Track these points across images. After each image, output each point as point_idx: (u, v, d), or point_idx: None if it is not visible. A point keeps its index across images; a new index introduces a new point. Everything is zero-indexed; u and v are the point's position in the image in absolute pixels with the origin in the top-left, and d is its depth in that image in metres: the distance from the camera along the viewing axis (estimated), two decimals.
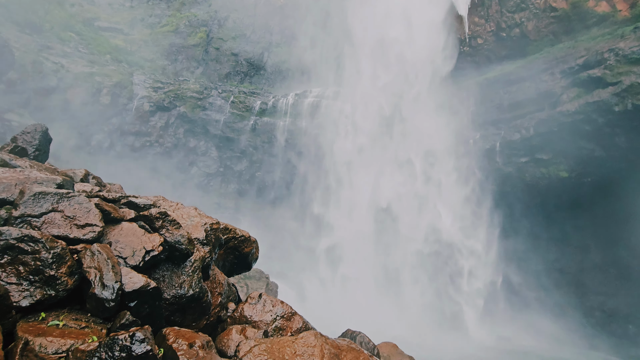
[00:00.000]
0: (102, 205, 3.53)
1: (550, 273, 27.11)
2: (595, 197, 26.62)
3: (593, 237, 26.48)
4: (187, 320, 4.36)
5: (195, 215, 5.04)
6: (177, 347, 2.55)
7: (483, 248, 28.01)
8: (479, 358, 18.30)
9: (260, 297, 5.19)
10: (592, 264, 26.07)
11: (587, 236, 26.65)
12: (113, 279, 2.83)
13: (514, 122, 30.47)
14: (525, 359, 19.40)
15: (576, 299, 25.67)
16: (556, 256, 27.35)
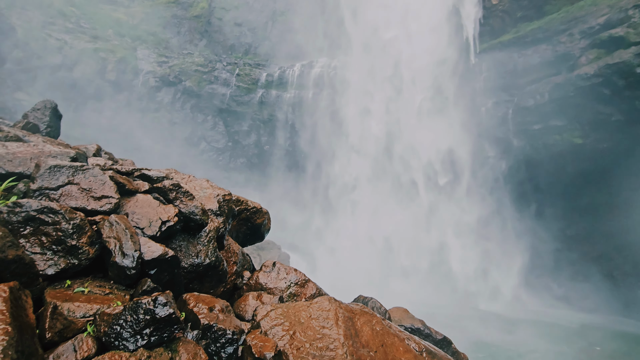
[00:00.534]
0: (117, 178, 3.57)
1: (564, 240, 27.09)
2: (610, 163, 25.97)
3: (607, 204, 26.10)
4: (205, 287, 4.51)
5: (207, 187, 5.09)
6: (197, 310, 2.64)
7: (495, 220, 27.98)
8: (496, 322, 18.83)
9: (274, 265, 5.32)
10: (606, 230, 25.89)
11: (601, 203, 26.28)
12: (132, 248, 2.90)
13: (528, 88, 29.40)
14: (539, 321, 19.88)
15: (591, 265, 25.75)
16: (569, 224, 27.19)
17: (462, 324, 17.50)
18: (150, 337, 2.08)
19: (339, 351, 3.24)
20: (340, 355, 3.20)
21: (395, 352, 3.85)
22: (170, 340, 2.20)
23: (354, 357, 3.24)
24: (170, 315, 2.15)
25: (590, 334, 17.18)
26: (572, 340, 16.10)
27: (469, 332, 16.04)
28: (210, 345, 2.45)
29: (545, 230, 27.53)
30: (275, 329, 3.49)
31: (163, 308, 2.14)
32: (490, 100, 30.76)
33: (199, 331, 2.48)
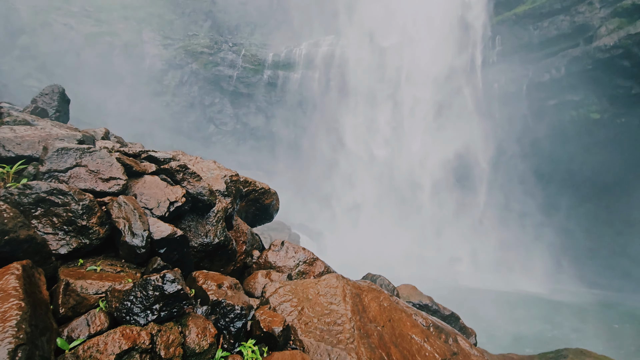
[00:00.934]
0: (124, 160, 3.60)
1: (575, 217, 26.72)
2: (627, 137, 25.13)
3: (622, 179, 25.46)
4: (215, 266, 4.60)
5: (214, 168, 5.11)
6: (206, 287, 2.70)
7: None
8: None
9: (283, 244, 5.38)
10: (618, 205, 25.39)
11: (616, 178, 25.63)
12: (141, 228, 2.95)
13: (544, 62, 28.30)
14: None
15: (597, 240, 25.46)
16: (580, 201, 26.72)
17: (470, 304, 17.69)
18: (160, 312, 2.14)
19: (346, 326, 3.31)
20: (348, 329, 3.26)
21: (403, 327, 3.90)
22: (180, 316, 2.26)
23: (362, 332, 3.30)
24: (179, 291, 2.20)
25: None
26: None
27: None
28: (219, 320, 2.51)
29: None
30: (284, 305, 3.57)
31: (171, 284, 2.18)
32: (503, 76, 29.78)
33: (208, 307, 2.54)
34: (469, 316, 6.99)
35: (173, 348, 2.02)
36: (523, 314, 16.79)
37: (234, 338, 2.50)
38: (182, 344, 2.09)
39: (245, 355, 2.44)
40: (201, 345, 2.14)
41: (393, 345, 3.47)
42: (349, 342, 3.11)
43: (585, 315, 16.66)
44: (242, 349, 2.48)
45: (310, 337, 3.11)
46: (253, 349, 2.51)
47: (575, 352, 6.21)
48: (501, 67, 29.61)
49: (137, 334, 1.95)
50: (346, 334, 3.21)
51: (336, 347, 3.03)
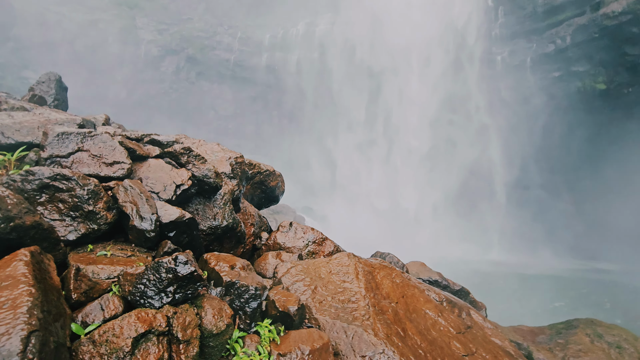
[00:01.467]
0: (126, 143, 3.50)
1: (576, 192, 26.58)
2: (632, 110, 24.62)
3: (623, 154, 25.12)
4: (225, 249, 4.57)
5: (218, 151, 5.01)
6: (219, 269, 2.65)
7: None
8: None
9: (291, 225, 5.34)
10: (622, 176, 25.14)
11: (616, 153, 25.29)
12: (149, 211, 2.88)
13: (549, 32, 27.49)
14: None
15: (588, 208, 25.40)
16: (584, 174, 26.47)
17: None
18: (174, 294, 2.09)
19: (360, 303, 3.28)
20: (363, 306, 3.23)
21: (416, 303, 3.88)
22: (195, 297, 2.22)
23: (376, 308, 3.27)
24: (192, 273, 2.15)
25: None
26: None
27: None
28: (234, 301, 2.47)
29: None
30: (297, 284, 3.54)
31: (184, 266, 2.13)
32: (506, 49, 29.03)
33: (222, 288, 2.49)
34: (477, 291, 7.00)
35: (190, 330, 1.98)
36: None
37: (250, 318, 2.47)
38: (199, 326, 2.06)
39: (262, 335, 2.41)
40: (218, 326, 2.10)
41: (408, 321, 3.45)
42: (364, 319, 3.09)
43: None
44: (258, 329, 2.45)
45: (325, 315, 3.09)
46: (270, 328, 2.48)
47: (585, 322, 6.20)
48: (503, 40, 28.81)
49: (153, 317, 1.90)
50: (361, 311, 3.18)
51: (352, 324, 3.00)
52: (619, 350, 5.58)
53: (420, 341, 3.24)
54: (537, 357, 4.99)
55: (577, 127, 26.28)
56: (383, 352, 2.71)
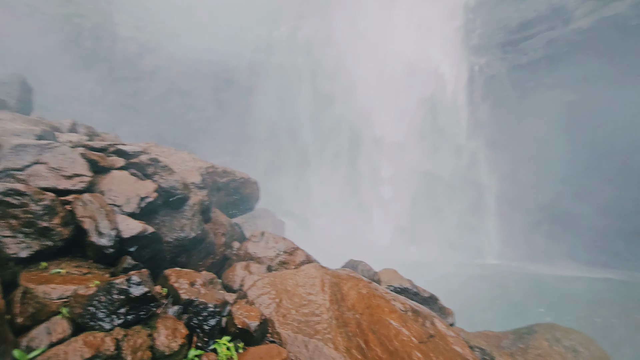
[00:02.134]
0: (88, 155, 3.44)
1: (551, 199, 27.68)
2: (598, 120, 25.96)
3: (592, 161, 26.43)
4: (193, 260, 4.53)
5: (189, 160, 4.96)
6: (178, 286, 2.64)
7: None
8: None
9: (263, 234, 5.34)
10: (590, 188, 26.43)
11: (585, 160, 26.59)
12: (109, 227, 2.85)
13: (523, 44, 28.68)
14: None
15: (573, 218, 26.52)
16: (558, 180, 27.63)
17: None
18: (126, 316, 2.08)
19: (324, 316, 3.33)
20: (326, 319, 3.29)
21: (381, 313, 3.98)
22: (149, 318, 2.21)
23: (339, 321, 3.34)
24: (146, 294, 2.14)
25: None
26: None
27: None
28: (192, 319, 2.47)
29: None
30: (262, 297, 3.56)
31: (137, 287, 2.12)
32: (483, 59, 30.05)
33: (180, 306, 2.49)
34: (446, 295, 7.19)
35: (141, 352, 1.97)
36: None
37: (208, 336, 2.48)
38: (151, 347, 2.05)
39: (219, 353, 2.42)
40: (171, 347, 2.10)
41: (371, 332, 3.53)
42: (326, 332, 3.14)
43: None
44: (216, 347, 2.46)
45: (287, 329, 3.12)
46: (228, 345, 2.49)
47: (545, 326, 6.49)
48: (481, 50, 29.82)
49: (101, 340, 1.89)
50: (324, 324, 3.23)
51: (313, 337, 3.05)
52: (575, 354, 5.87)
53: (381, 353, 3.32)
54: None
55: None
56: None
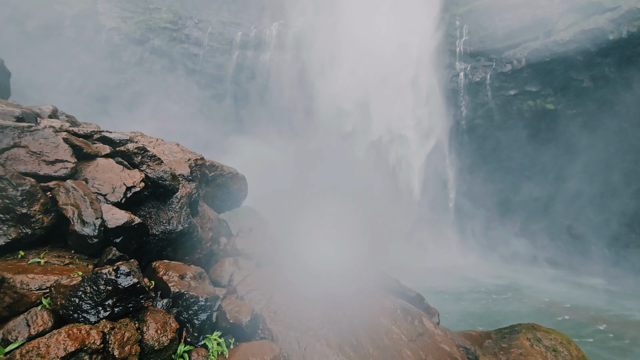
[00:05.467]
0: (72, 140, 3.26)
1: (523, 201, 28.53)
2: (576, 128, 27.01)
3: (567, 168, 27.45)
4: (180, 254, 4.38)
5: (177, 151, 4.81)
6: (167, 278, 2.52)
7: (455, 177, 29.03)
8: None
9: (251, 230, 5.24)
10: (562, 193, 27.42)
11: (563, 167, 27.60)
12: (93, 216, 2.70)
13: (507, 53, 29.52)
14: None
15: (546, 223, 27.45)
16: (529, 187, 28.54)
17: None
18: (113, 308, 1.95)
19: (315, 312, 3.27)
20: (318, 316, 3.23)
21: (372, 311, 3.95)
22: (137, 310, 2.09)
23: (331, 318, 3.28)
24: (135, 285, 2.02)
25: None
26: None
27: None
28: (182, 313, 2.36)
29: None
30: (252, 293, 3.46)
31: (126, 278, 2.00)
32: (469, 65, 30.72)
33: (169, 300, 2.37)
34: None
35: (129, 346, 1.85)
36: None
37: (199, 331, 2.37)
38: (140, 342, 1.93)
39: (210, 349, 2.32)
40: (161, 342, 1.99)
41: (362, 330, 3.49)
42: (318, 328, 3.08)
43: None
44: (207, 342, 2.36)
45: (279, 325, 3.05)
46: (219, 341, 2.40)
47: (527, 326, 6.62)
48: (467, 56, 30.47)
49: (87, 333, 1.76)
50: (316, 321, 3.17)
51: (306, 334, 2.98)
52: (555, 354, 6.01)
53: (372, 350, 3.29)
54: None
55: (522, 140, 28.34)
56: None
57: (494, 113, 29.83)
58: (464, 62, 31.25)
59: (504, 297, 16.38)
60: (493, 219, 29.04)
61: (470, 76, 30.81)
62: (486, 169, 30.30)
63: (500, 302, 15.50)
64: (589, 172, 26.35)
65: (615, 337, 11.31)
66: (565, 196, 27.38)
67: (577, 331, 11.70)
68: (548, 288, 18.42)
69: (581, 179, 26.79)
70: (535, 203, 28.30)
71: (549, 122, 27.79)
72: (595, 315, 13.44)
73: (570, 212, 27.00)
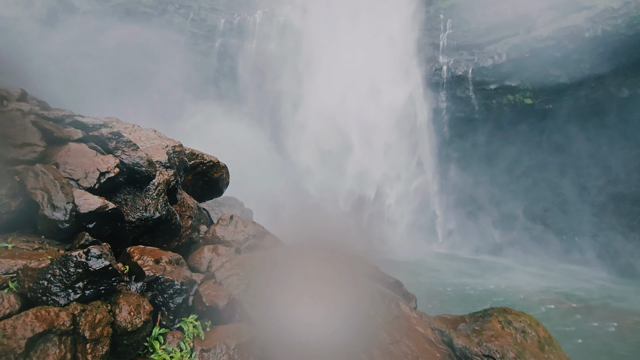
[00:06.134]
0: (41, 124, 3.15)
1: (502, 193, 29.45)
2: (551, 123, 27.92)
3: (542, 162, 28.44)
4: (157, 242, 4.34)
5: (155, 138, 4.71)
6: (142, 263, 2.51)
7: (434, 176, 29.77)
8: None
9: (232, 218, 5.22)
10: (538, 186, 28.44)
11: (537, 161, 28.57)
12: (64, 200, 2.64)
13: (488, 48, 29.98)
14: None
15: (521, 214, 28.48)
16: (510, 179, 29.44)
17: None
18: (84, 290, 1.93)
19: (295, 296, 3.32)
20: (297, 300, 3.28)
21: None
22: (110, 293, 2.08)
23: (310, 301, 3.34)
24: (107, 268, 2.00)
25: None
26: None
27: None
28: (157, 297, 2.36)
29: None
30: (231, 279, 3.47)
31: (97, 260, 1.97)
32: (452, 59, 31.10)
33: (143, 283, 2.36)
34: None
35: (100, 328, 1.84)
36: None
37: (174, 314, 2.38)
38: (112, 323, 1.92)
39: (186, 331, 2.33)
40: (134, 324, 1.98)
41: None
42: None
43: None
44: (182, 325, 2.37)
45: (257, 309, 3.08)
46: (195, 324, 2.41)
47: (499, 310, 6.88)
48: (449, 50, 30.82)
49: (55, 315, 1.74)
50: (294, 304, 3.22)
51: (284, 317, 3.03)
52: (524, 335, 6.32)
53: None
54: (457, 342, 5.46)
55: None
56: None
57: (474, 107, 30.43)
58: (447, 56, 31.60)
59: (482, 284, 17.01)
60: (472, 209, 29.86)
61: (453, 70, 31.20)
62: (466, 161, 31.04)
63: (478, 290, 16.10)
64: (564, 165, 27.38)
65: (582, 318, 12.14)
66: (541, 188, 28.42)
67: (542, 312, 12.51)
68: (522, 276, 19.26)
69: (556, 171, 27.81)
70: (512, 194, 29.24)
71: (527, 117, 28.59)
72: (558, 299, 14.35)
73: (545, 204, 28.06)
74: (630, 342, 10.12)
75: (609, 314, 12.23)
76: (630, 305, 13.74)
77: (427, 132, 30.13)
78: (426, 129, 30.17)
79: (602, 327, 11.02)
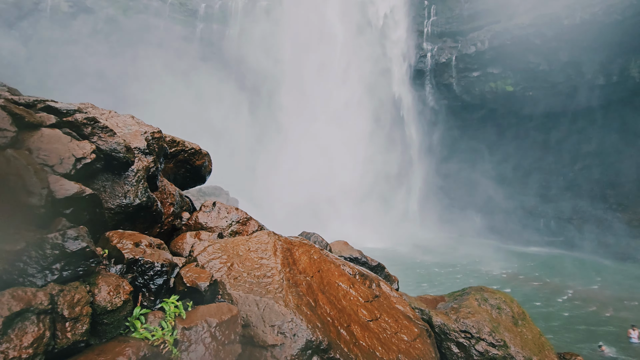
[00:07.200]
0: (11, 108, 3.07)
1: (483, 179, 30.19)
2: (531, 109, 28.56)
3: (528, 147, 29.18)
4: (138, 228, 4.32)
5: (132, 124, 4.63)
6: (121, 246, 2.52)
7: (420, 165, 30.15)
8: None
9: (215, 204, 5.23)
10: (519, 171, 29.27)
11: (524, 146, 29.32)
12: (39, 185, 2.61)
13: (471, 35, 30.16)
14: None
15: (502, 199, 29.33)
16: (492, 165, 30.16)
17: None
18: (61, 271, 1.94)
19: (275, 277, 3.40)
20: (277, 280, 3.36)
21: (331, 276, 4.15)
22: (88, 274, 2.09)
23: (290, 282, 3.43)
24: (84, 249, 2.02)
25: None
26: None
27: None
28: (137, 279, 2.39)
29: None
30: (213, 262, 3.52)
31: (74, 242, 1.98)
32: (435, 46, 31.19)
33: (123, 265, 2.38)
34: None
35: (79, 307, 1.87)
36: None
37: (155, 295, 2.41)
38: (91, 303, 1.95)
39: (167, 311, 2.38)
40: (114, 303, 2.02)
41: (320, 292, 3.68)
42: (277, 291, 3.22)
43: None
44: (164, 305, 2.41)
45: (239, 290, 3.15)
46: (176, 304, 2.46)
47: (476, 289, 7.17)
48: (433, 37, 30.88)
49: (33, 295, 1.76)
50: (275, 285, 3.30)
51: (264, 297, 3.11)
52: (499, 311, 6.63)
53: (330, 310, 3.49)
54: (436, 320, 5.70)
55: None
56: (292, 321, 2.88)
57: (457, 94, 30.75)
58: (431, 43, 31.65)
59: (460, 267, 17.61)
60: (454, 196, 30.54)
61: (437, 57, 31.33)
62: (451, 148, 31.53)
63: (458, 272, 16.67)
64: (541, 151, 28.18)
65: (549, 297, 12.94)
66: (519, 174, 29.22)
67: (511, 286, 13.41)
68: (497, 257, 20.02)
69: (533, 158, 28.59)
70: (494, 181, 30.01)
71: (509, 104, 29.12)
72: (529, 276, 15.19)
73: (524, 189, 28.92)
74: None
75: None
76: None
77: (412, 121, 30.37)
78: (411, 119, 30.40)
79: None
